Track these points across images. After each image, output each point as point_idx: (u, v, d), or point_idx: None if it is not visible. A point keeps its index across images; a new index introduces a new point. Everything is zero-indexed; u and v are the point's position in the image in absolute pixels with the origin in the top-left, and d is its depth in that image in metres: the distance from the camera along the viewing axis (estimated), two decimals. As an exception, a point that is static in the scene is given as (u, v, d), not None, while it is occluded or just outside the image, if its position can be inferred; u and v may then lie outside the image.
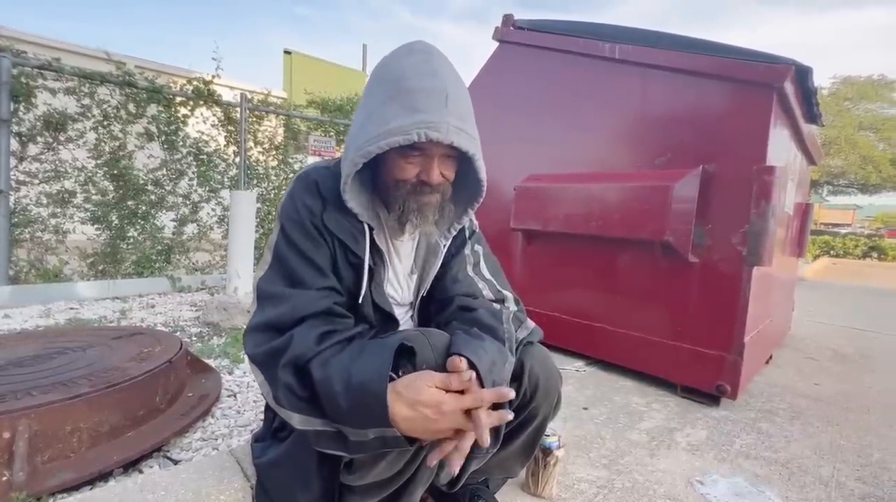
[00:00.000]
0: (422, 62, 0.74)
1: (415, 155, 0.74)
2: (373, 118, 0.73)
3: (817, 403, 1.87)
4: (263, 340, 0.72)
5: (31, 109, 3.03)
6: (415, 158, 0.75)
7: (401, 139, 0.69)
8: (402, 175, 0.76)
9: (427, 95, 0.70)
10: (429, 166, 0.75)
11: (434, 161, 0.75)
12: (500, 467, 0.96)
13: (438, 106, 0.70)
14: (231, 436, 1.30)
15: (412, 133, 0.69)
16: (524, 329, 0.88)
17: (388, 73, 0.75)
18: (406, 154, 0.74)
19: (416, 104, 0.70)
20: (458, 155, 0.77)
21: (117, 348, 1.43)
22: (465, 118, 0.74)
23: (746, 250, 1.62)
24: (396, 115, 0.70)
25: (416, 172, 0.76)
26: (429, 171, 0.75)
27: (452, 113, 0.71)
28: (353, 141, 0.76)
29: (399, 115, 0.70)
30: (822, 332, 3.25)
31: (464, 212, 0.87)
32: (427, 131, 0.68)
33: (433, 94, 0.70)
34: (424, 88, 0.71)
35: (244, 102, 3.83)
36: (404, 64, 0.74)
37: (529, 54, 2.38)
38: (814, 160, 2.61)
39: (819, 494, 1.20)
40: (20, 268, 3.08)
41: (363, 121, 0.75)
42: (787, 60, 1.57)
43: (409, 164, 0.75)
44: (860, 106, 13.06)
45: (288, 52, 13.55)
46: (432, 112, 0.69)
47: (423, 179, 0.76)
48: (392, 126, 0.70)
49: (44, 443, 1.01)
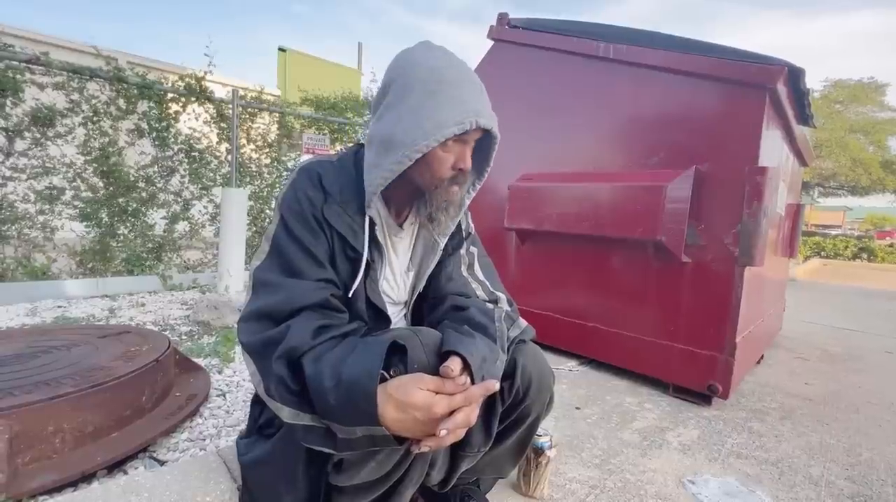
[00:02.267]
0: (449, 60, 0.77)
1: (453, 145, 0.77)
2: (417, 114, 0.73)
3: (807, 403, 1.88)
4: (258, 329, 0.72)
5: (18, 104, 2.98)
6: (453, 146, 0.77)
7: (456, 129, 0.72)
8: (441, 168, 0.78)
9: (466, 86, 0.75)
10: (464, 153, 0.78)
11: (469, 147, 0.78)
12: (491, 466, 0.95)
13: (478, 95, 0.76)
14: (219, 436, 1.28)
15: (465, 122, 0.72)
16: (516, 327, 0.87)
17: (418, 72, 0.75)
18: (446, 145, 0.76)
19: (462, 96, 0.74)
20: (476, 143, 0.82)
21: (103, 347, 1.41)
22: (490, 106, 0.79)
23: (738, 250, 1.63)
24: (442, 107, 0.73)
25: (451, 163, 0.78)
26: (465, 158, 0.78)
27: (487, 101, 0.78)
28: (390, 140, 0.75)
29: (445, 106, 0.73)
30: (813, 332, 3.28)
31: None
32: (477, 119, 0.73)
33: (471, 85, 0.76)
34: (463, 81, 0.75)
35: (236, 99, 3.79)
36: (437, 64, 0.76)
37: (524, 53, 2.38)
38: (805, 161, 2.63)
39: (809, 493, 1.21)
40: (6, 265, 3.03)
41: (400, 120, 0.75)
42: (779, 61, 1.58)
43: (447, 154, 0.77)
44: (851, 109, 13.21)
45: (283, 49, 13.46)
46: (475, 101, 0.75)
47: (459, 167, 0.78)
48: (443, 118, 0.72)
49: (25, 444, 0.99)
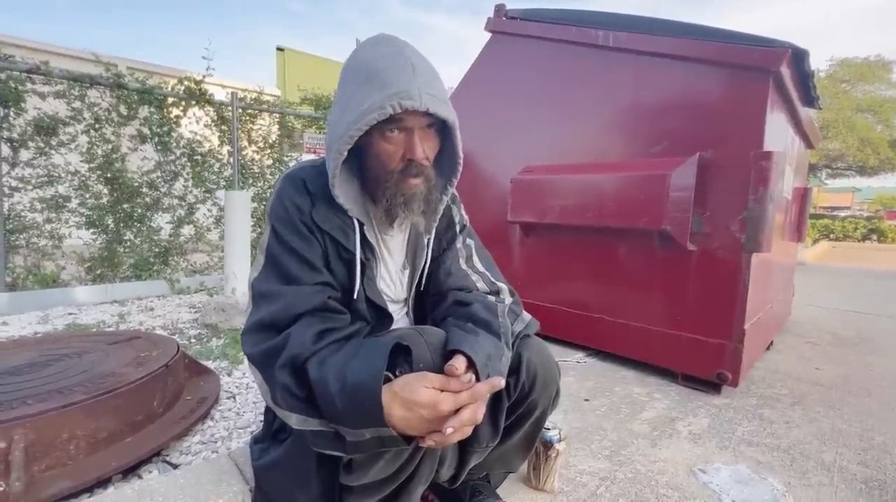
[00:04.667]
0: (385, 48, 0.75)
1: (395, 133, 0.73)
2: (348, 107, 0.72)
3: (818, 388, 1.87)
4: (260, 340, 0.72)
5: (20, 114, 3.00)
6: (396, 136, 0.73)
7: (377, 114, 0.68)
8: (388, 160, 0.75)
9: (395, 70, 0.70)
10: (410, 141, 0.73)
11: (414, 135, 0.73)
12: (500, 461, 0.95)
13: (407, 77, 0.70)
14: (230, 439, 1.29)
15: (386, 106, 0.68)
16: (520, 322, 0.87)
17: (355, 64, 0.76)
18: (386, 135, 0.73)
19: (386, 80, 0.69)
20: (437, 125, 0.76)
21: (114, 353, 1.42)
22: (436, 88, 0.73)
23: (745, 237, 1.61)
24: (369, 95, 0.70)
25: (400, 154, 0.74)
26: (412, 146, 0.73)
27: (422, 82, 0.70)
28: (332, 134, 0.76)
29: (372, 94, 0.70)
30: (823, 316, 3.25)
31: (440, 198, 0.84)
32: (400, 100, 0.68)
33: (400, 68, 0.71)
34: (391, 66, 0.71)
35: (235, 101, 3.79)
36: (369, 53, 0.75)
37: (522, 44, 2.35)
38: (812, 144, 2.59)
39: (821, 479, 1.20)
40: (17, 274, 3.07)
41: (339, 113, 0.75)
42: (783, 44, 1.55)
43: (392, 146, 0.74)
44: (858, 88, 12.96)
45: (281, 49, 13.42)
46: (402, 83, 0.69)
47: (408, 158, 0.74)
48: (367, 106, 0.69)
49: (41, 452, 1.00)
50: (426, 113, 0.70)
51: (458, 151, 0.79)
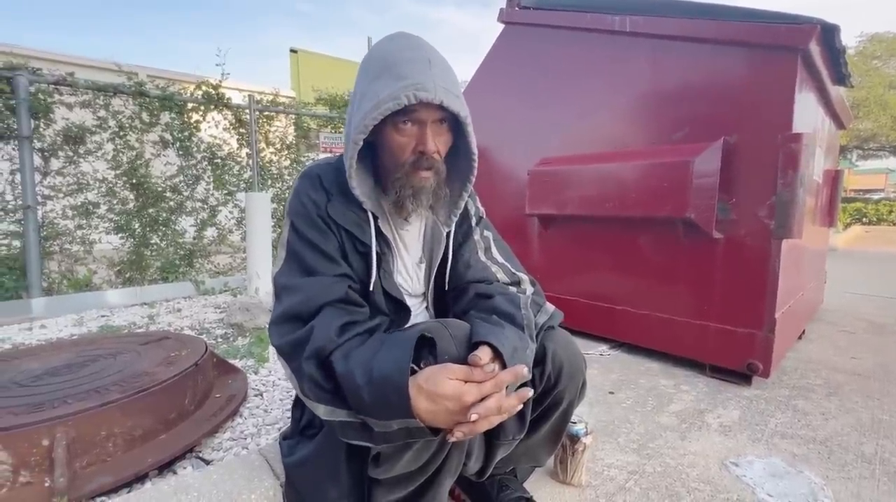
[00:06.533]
0: (402, 42, 0.76)
1: (408, 124, 0.74)
2: (365, 97, 0.74)
3: (855, 377, 1.80)
4: (286, 331, 0.74)
5: (50, 125, 3.11)
6: (409, 129, 0.74)
7: (392, 104, 0.69)
8: (400, 152, 0.76)
9: (411, 63, 0.72)
10: (423, 134, 0.74)
11: (427, 127, 0.74)
12: (527, 455, 0.95)
13: (423, 70, 0.71)
14: (259, 435, 1.32)
15: (401, 96, 0.69)
16: (543, 313, 0.86)
17: (373, 58, 0.77)
18: (399, 127, 0.74)
19: (402, 72, 0.71)
20: (449, 122, 0.77)
21: (145, 354, 1.47)
22: (451, 83, 0.74)
23: (774, 223, 1.56)
24: (385, 86, 0.71)
25: (412, 146, 0.75)
26: (423, 139, 0.74)
27: (438, 76, 0.71)
28: (349, 125, 0.77)
29: (388, 85, 0.71)
30: (857, 303, 3.13)
31: (459, 194, 0.85)
32: (416, 92, 0.69)
33: (416, 61, 0.72)
34: (408, 59, 0.72)
35: (253, 104, 3.85)
36: (388, 47, 0.76)
37: (536, 34, 2.32)
38: (843, 124, 2.48)
39: (862, 472, 1.16)
40: (52, 279, 3.19)
41: (356, 104, 0.76)
42: (811, 19, 1.49)
43: (404, 138, 0.75)
44: (890, 64, 12.37)
45: (294, 50, 13.59)
46: (418, 75, 0.70)
47: (420, 150, 0.75)
48: (382, 96, 0.70)
49: (81, 449, 1.04)
50: (440, 107, 0.71)
51: (473, 148, 0.79)
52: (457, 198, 0.86)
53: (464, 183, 0.84)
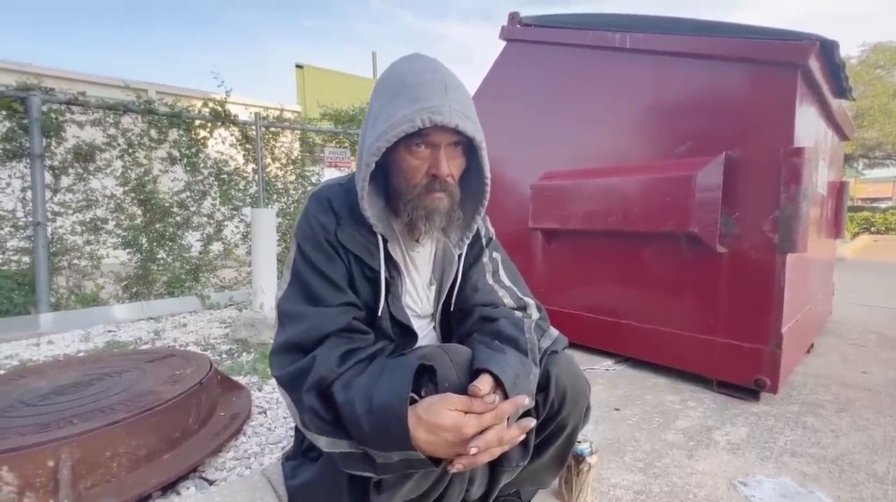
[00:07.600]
0: (419, 64, 0.76)
1: (422, 147, 0.74)
2: (379, 118, 0.74)
3: (866, 393, 1.77)
4: (287, 362, 0.73)
5: (61, 143, 3.17)
6: (422, 151, 0.74)
7: (406, 127, 0.69)
8: (412, 174, 0.75)
9: (427, 86, 0.72)
10: (436, 157, 0.74)
11: (441, 151, 0.74)
12: (531, 479, 0.94)
13: (439, 93, 0.71)
14: (263, 454, 1.31)
15: (416, 119, 0.69)
16: (547, 338, 0.86)
17: (389, 78, 0.77)
18: (413, 150, 0.74)
19: (418, 95, 0.71)
20: (463, 145, 0.77)
21: (151, 372, 1.47)
22: (466, 107, 0.74)
23: (778, 237, 1.55)
24: (400, 108, 0.71)
25: (425, 169, 0.75)
26: (437, 162, 0.74)
27: (453, 99, 0.71)
28: (362, 145, 0.77)
29: (403, 107, 0.71)
30: (866, 315, 3.09)
31: (472, 217, 0.85)
32: (431, 115, 0.69)
33: (433, 84, 0.72)
34: (424, 81, 0.72)
35: (259, 121, 3.91)
36: (404, 69, 0.76)
37: (538, 51, 2.35)
38: (846, 135, 2.48)
39: (874, 492, 1.13)
40: (60, 295, 3.22)
41: (370, 124, 0.76)
42: (810, 36, 1.50)
43: (418, 160, 0.74)
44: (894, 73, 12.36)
45: (300, 66, 13.80)
46: (433, 99, 0.70)
47: (433, 173, 0.75)
48: (397, 118, 0.70)
49: (86, 470, 1.04)
50: (454, 130, 0.71)
51: (486, 171, 0.79)
52: (469, 220, 0.86)
53: (476, 206, 0.84)
